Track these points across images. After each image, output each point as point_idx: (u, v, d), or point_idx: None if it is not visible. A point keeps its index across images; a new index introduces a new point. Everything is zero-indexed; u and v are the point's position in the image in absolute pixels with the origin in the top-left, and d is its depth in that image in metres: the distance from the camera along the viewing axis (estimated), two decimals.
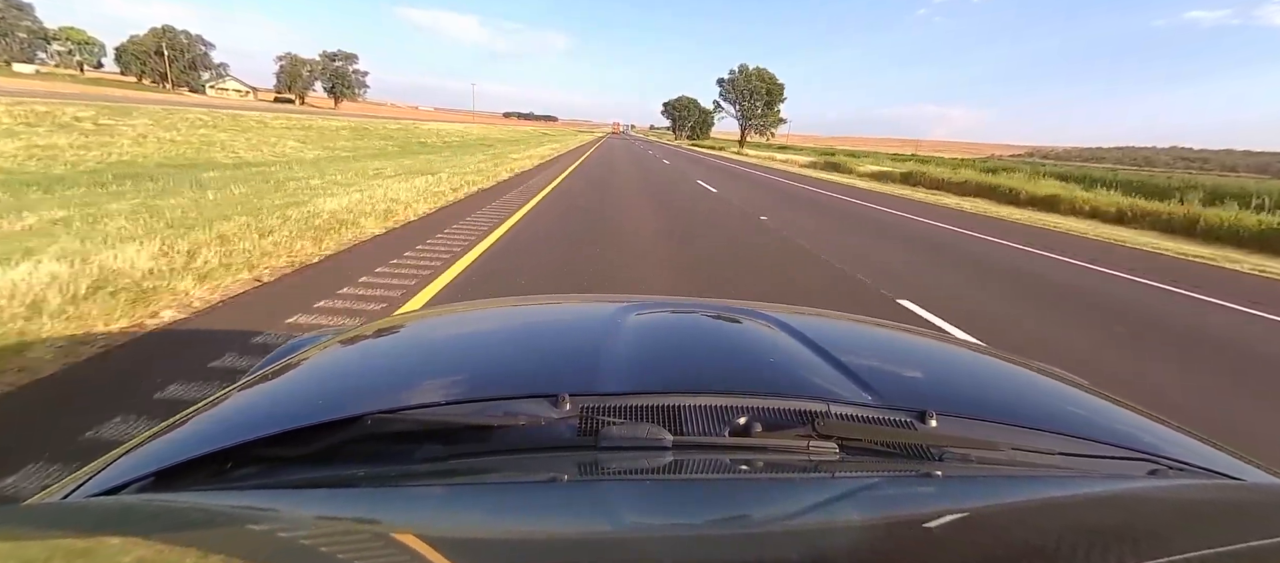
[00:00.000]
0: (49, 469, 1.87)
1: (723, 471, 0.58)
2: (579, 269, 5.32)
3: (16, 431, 2.15)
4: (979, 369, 0.96)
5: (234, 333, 3.13)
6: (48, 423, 2.20)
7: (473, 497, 0.53)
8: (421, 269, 4.76)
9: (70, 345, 2.80)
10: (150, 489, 0.55)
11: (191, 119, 19.21)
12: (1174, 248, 9.96)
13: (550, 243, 6.41)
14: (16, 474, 1.85)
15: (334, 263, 4.79)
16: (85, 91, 44.39)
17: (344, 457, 0.57)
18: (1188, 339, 4.60)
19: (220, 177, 9.59)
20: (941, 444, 0.62)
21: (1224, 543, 0.44)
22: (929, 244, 8.57)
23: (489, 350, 0.90)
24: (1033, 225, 12.06)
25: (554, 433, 0.59)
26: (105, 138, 12.88)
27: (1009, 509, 0.54)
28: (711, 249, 6.87)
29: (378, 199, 7.69)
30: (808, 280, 5.63)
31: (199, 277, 3.86)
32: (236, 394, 0.75)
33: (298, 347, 0.98)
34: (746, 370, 0.82)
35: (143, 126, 15.37)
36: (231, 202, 6.97)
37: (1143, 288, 6.47)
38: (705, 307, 1.11)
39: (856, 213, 12.22)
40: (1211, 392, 3.52)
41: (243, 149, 14.96)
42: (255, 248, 4.64)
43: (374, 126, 31.60)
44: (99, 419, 2.19)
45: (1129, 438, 0.71)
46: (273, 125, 21.94)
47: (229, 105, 44.33)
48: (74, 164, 9.78)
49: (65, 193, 6.92)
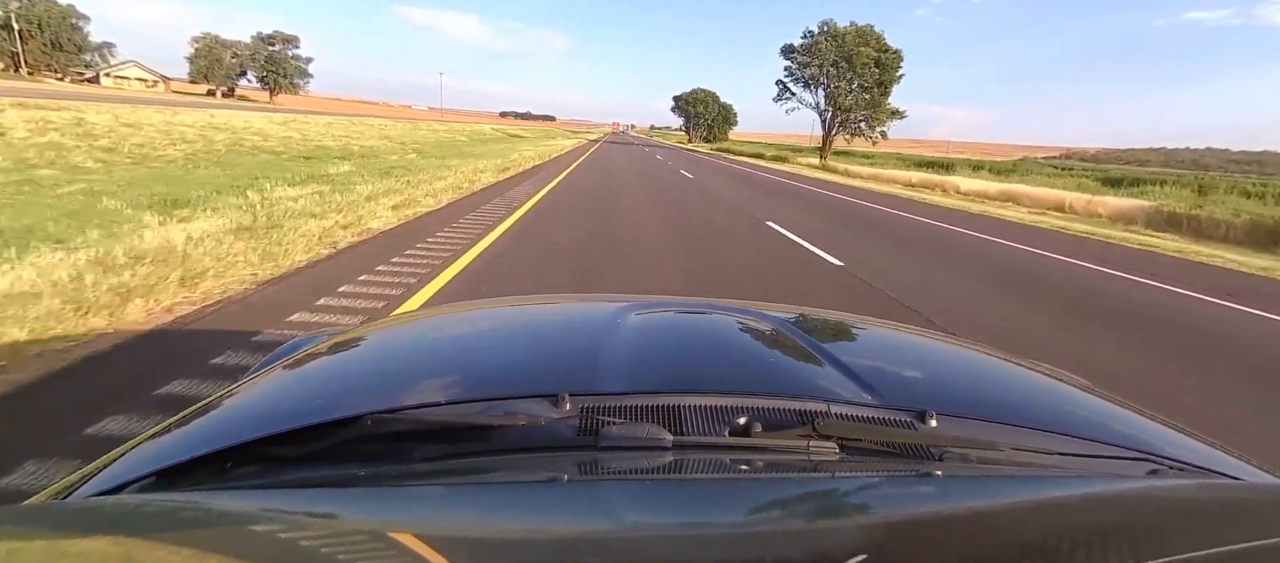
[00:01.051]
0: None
1: (723, 471, 0.58)
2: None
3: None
4: (979, 369, 0.96)
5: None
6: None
7: (473, 497, 0.53)
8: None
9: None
10: (151, 489, 0.55)
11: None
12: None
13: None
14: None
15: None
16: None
17: (344, 457, 0.57)
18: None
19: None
20: (941, 444, 0.62)
21: (1224, 543, 0.44)
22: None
23: (489, 350, 0.90)
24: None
25: (554, 433, 0.59)
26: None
27: (1009, 509, 0.54)
28: None
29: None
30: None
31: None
32: (237, 394, 0.75)
33: (298, 346, 0.98)
34: (746, 370, 0.82)
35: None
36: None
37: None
38: (705, 306, 1.11)
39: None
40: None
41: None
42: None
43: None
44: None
45: (1129, 438, 0.71)
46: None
47: (137, 99, 35.80)
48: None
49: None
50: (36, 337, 2.83)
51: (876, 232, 9.80)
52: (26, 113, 14.65)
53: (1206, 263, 9.14)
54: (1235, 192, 17.51)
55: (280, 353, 0.98)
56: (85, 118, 15.28)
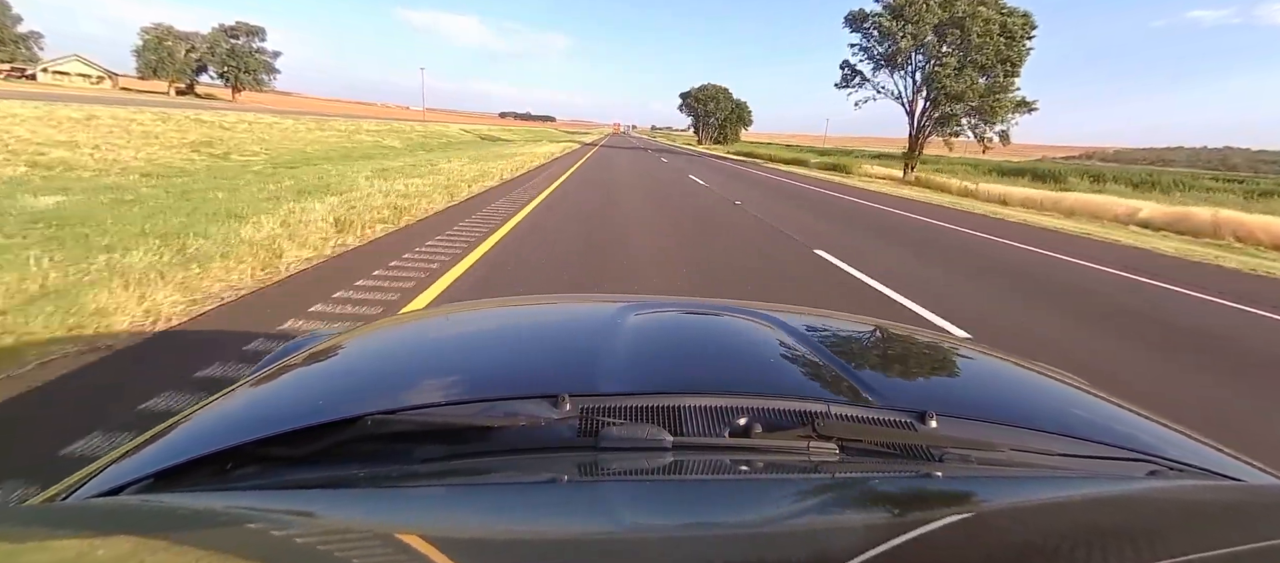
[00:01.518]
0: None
1: (723, 471, 0.58)
2: None
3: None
4: (979, 369, 0.96)
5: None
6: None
7: (473, 497, 0.53)
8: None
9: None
10: (150, 490, 0.55)
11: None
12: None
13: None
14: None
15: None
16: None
17: (344, 457, 0.57)
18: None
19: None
20: (941, 445, 0.62)
21: (1224, 544, 0.44)
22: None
23: (489, 351, 0.90)
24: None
25: (554, 433, 0.59)
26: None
27: (1009, 510, 0.54)
28: None
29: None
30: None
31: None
32: (236, 394, 0.75)
33: (298, 347, 0.98)
34: (746, 371, 0.82)
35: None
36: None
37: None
38: (705, 307, 1.11)
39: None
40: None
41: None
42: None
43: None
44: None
45: (1129, 438, 0.71)
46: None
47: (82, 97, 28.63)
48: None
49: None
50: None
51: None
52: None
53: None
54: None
55: (280, 353, 0.97)
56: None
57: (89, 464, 0.63)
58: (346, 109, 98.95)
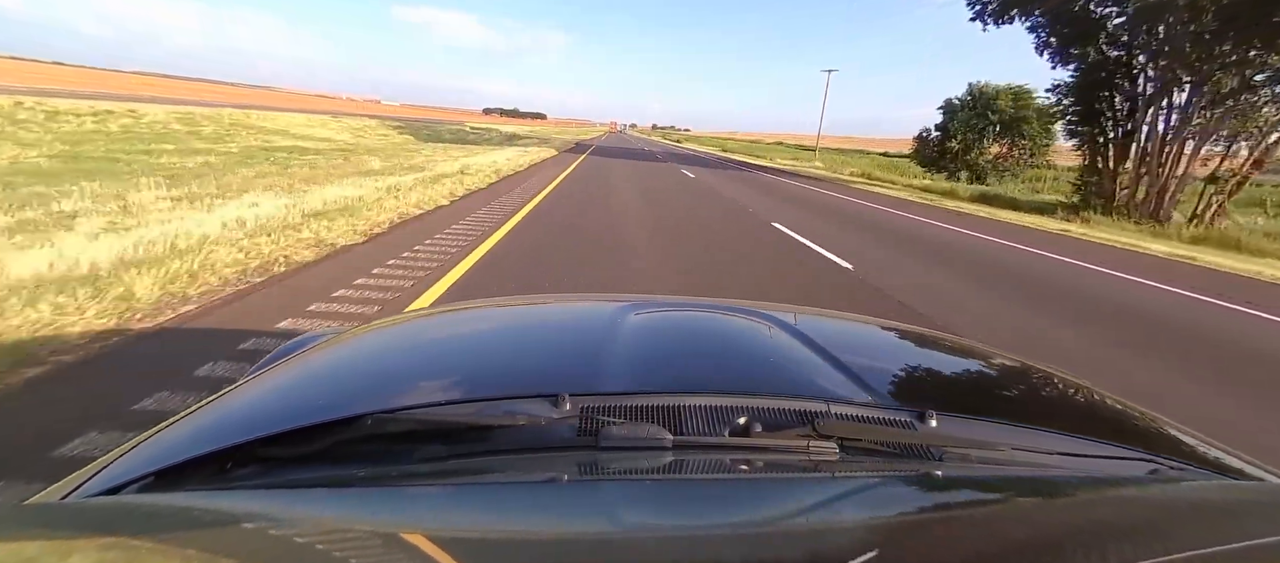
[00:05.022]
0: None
1: (723, 471, 0.58)
2: None
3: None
4: (979, 369, 0.96)
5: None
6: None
7: (473, 497, 0.53)
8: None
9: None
10: (150, 489, 0.55)
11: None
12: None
13: None
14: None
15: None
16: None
17: (344, 457, 0.57)
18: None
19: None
20: (941, 444, 0.62)
21: (1224, 543, 0.44)
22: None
23: (489, 350, 0.90)
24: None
25: (554, 433, 0.59)
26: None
27: (1009, 509, 0.54)
28: None
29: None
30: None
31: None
32: (236, 394, 0.75)
33: (298, 346, 0.98)
34: (747, 370, 0.82)
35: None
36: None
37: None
38: (705, 306, 1.11)
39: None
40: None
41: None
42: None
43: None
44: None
45: (1129, 437, 0.71)
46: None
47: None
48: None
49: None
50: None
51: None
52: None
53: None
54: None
55: (280, 353, 0.97)
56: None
57: (89, 464, 0.63)
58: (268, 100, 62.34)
